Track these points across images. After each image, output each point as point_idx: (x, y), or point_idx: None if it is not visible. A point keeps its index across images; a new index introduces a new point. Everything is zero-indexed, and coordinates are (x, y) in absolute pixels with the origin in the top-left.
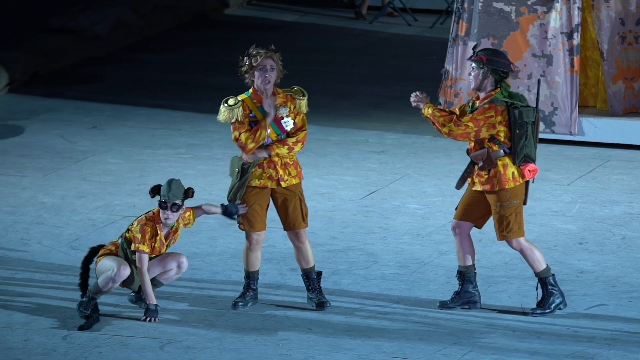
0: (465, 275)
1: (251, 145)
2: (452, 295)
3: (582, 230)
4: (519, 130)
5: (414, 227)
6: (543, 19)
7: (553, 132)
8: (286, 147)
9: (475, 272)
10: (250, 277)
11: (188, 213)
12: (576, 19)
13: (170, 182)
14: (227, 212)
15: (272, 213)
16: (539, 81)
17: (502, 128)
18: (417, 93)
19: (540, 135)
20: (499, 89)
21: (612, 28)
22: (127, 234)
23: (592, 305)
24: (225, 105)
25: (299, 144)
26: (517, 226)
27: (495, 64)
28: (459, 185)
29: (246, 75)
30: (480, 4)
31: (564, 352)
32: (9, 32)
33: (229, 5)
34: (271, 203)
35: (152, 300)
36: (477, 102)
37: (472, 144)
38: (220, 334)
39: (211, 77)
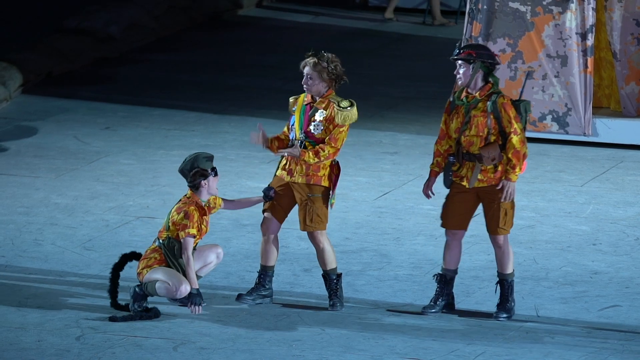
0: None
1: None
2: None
3: (595, 231)
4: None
5: (428, 228)
6: (558, 19)
7: (567, 132)
8: (315, 155)
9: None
10: (262, 271)
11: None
12: (590, 20)
13: (194, 156)
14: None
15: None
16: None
17: None
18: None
19: (554, 136)
20: (490, 83)
21: (626, 28)
22: (168, 233)
23: (605, 307)
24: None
25: (324, 155)
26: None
27: (483, 57)
28: (449, 183)
29: None
30: (496, 4)
31: (578, 352)
32: (23, 32)
33: (242, 6)
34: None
35: (195, 284)
36: (471, 96)
37: (476, 140)
38: (233, 334)
39: (225, 77)
